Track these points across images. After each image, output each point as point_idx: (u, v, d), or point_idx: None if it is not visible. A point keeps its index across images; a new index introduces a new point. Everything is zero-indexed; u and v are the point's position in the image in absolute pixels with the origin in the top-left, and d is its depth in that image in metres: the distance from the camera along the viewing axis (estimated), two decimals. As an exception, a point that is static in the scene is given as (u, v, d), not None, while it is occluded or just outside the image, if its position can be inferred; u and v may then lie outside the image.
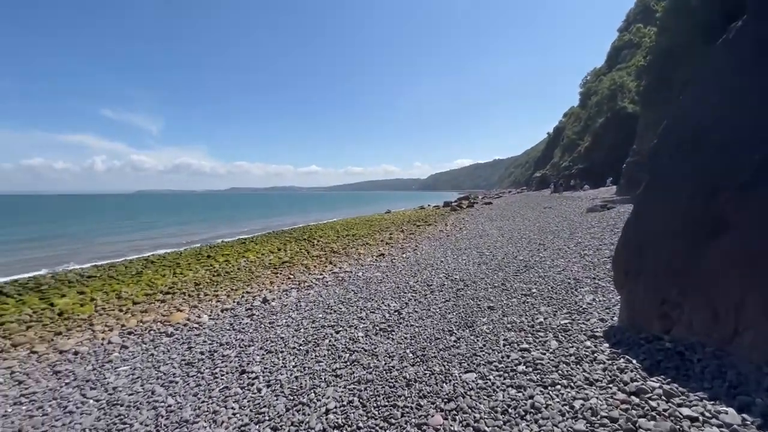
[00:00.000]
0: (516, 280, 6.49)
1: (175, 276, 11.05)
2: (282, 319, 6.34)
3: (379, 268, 9.98)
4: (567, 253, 8.06)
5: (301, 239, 18.20)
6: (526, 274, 6.88)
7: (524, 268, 7.40)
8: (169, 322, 6.81)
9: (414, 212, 32.44)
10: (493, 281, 6.72)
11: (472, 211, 26.06)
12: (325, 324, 5.61)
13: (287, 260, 12.89)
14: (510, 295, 5.61)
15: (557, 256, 7.90)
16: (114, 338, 6.07)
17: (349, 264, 11.32)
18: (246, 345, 5.19)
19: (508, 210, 23.47)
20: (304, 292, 8.26)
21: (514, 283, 6.30)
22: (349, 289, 8.01)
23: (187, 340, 5.82)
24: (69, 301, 8.38)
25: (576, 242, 9.11)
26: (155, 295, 9.00)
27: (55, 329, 6.69)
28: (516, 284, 6.23)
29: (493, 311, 4.97)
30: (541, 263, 7.55)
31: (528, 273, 6.91)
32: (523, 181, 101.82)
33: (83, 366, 5.09)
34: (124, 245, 18.16)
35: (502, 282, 6.55)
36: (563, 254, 8.02)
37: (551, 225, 13.42)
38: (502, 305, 5.16)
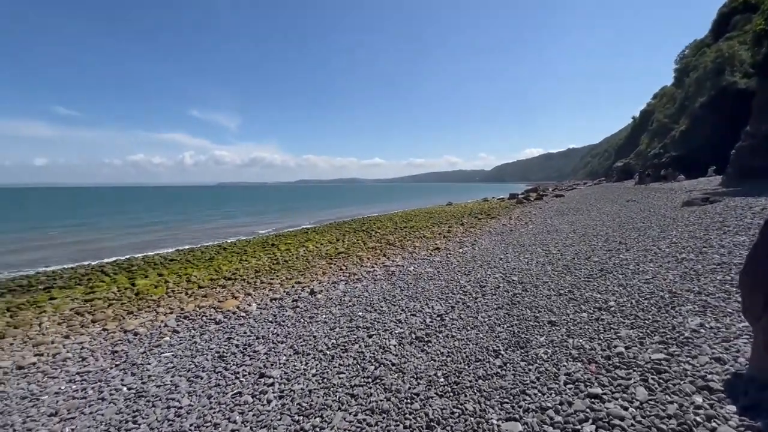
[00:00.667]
0: (588, 288, 5.24)
1: (240, 263, 11.44)
2: (322, 315, 5.95)
3: (432, 264, 9.21)
4: (658, 256, 6.44)
5: (359, 230, 18.04)
6: (601, 280, 5.56)
7: (599, 272, 6.04)
8: (221, 309, 6.84)
9: (476, 204, 30.63)
10: (559, 287, 5.54)
11: (540, 204, 23.66)
12: (361, 325, 5.05)
13: (343, 251, 12.69)
14: (579, 308, 4.46)
15: (644, 260, 6.34)
16: (170, 322, 6.21)
17: (402, 257, 10.71)
18: (279, 341, 4.85)
19: (582, 203, 20.80)
20: (352, 286, 7.84)
21: (586, 292, 5.08)
22: (397, 285, 7.39)
23: (230, 329, 5.71)
24: (147, 282, 9.03)
25: (670, 242, 7.33)
26: (219, 281, 9.31)
27: (129, 308, 7.13)
28: (587, 293, 5.01)
29: (555, 328, 3.91)
30: (621, 267, 6.11)
31: (604, 279, 5.58)
32: (601, 171, 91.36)
33: (137, 348, 5.19)
34: (204, 232, 19.72)
35: (570, 289, 5.35)
36: (652, 257, 6.42)
37: (635, 220, 11.30)
38: (567, 321, 4.07)
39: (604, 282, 5.42)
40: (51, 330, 6.07)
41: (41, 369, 4.66)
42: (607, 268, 6.24)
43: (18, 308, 7.31)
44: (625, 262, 6.43)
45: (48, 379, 4.37)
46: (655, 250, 6.90)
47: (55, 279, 9.65)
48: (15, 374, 4.55)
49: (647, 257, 6.49)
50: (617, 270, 5.98)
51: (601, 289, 5.06)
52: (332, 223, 22.70)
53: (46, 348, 5.32)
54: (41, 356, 5.07)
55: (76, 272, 10.49)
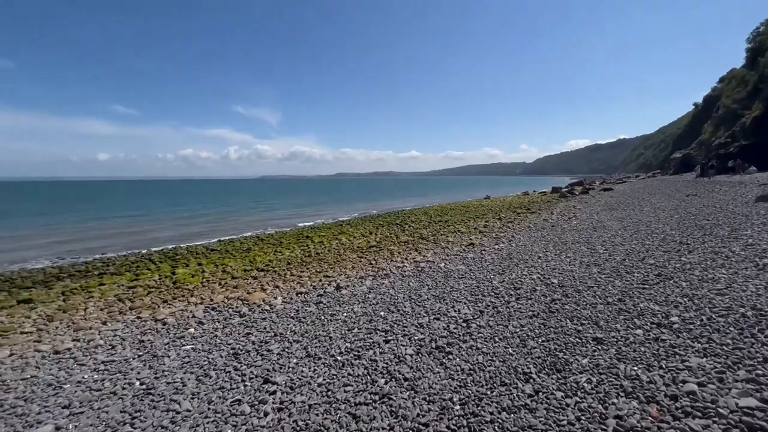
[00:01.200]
0: (642, 297, 4.40)
1: (274, 254, 11.46)
2: (343, 313, 5.61)
3: (465, 260, 8.58)
4: (731, 260, 5.35)
5: (393, 224, 17.60)
6: (659, 287, 4.67)
7: (656, 277, 5.12)
8: (248, 301, 6.73)
9: (516, 198, 28.98)
10: (606, 293, 4.74)
11: (586, 198, 21.78)
12: (380, 327, 4.62)
13: (374, 245, 12.33)
14: (631, 322, 3.68)
15: (713, 264, 5.30)
16: (198, 312, 6.18)
17: (434, 252, 10.15)
18: (294, 340, 4.56)
19: (633, 197, 18.81)
20: (379, 281, 7.44)
21: (640, 301, 4.25)
22: (425, 283, 6.89)
23: (251, 323, 5.53)
24: (186, 272, 9.24)
25: (745, 244, 6.13)
26: (252, 272, 9.32)
27: (165, 297, 7.24)
28: (642, 303, 4.18)
29: (602, 347, 3.20)
30: (685, 272, 5.14)
31: (663, 286, 4.68)
32: (655, 164, 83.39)
33: (163, 338, 5.15)
34: (246, 223, 20.27)
35: (620, 296, 4.53)
36: (724, 261, 5.35)
37: (699, 218, 9.83)
38: (616, 338, 3.34)
39: (663, 290, 4.53)
40: (93, 315, 6.27)
41: (74, 355, 4.72)
42: (666, 272, 5.28)
43: (71, 292, 7.72)
44: (688, 266, 5.42)
45: (77, 366, 4.40)
46: (727, 253, 5.77)
47: (109, 266, 10.22)
48: (51, 359, 4.65)
49: (717, 261, 5.43)
50: (679, 276, 5.02)
51: (659, 299, 4.21)
52: (367, 216, 22.49)
53: (83, 333, 5.45)
54: (78, 342, 5.19)
55: (128, 260, 11.06)
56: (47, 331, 5.67)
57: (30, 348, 4.99)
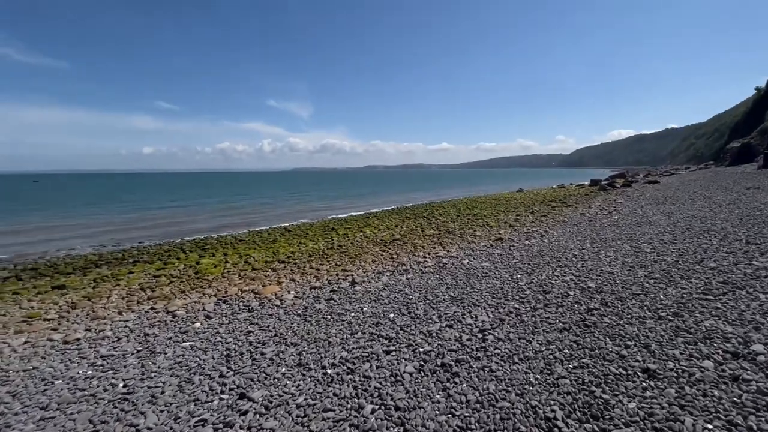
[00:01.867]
0: (707, 312, 3.44)
1: (298, 246, 11.19)
2: (352, 312, 5.07)
3: (491, 257, 7.76)
4: (824, 267, 4.17)
5: (420, 216, 16.85)
6: (729, 300, 3.66)
7: (723, 285, 4.08)
8: (260, 295, 6.39)
9: (551, 191, 27.01)
10: (657, 304, 3.80)
11: (628, 192, 19.69)
12: (384, 333, 4.02)
13: (398, 238, 11.71)
14: (696, 348, 2.79)
15: (800, 273, 4.14)
16: (208, 306, 5.91)
17: (458, 247, 9.37)
18: (292, 343, 4.09)
19: (683, 190, 16.68)
20: (396, 278, 6.83)
21: (704, 318, 3.31)
22: (444, 281, 6.21)
23: (257, 320, 5.15)
24: (210, 262, 9.15)
25: (839, 247, 4.83)
26: (272, 263, 9.05)
27: (183, 287, 7.10)
28: (708, 321, 3.24)
29: (656, 385, 2.37)
30: (760, 280, 4.05)
31: (734, 299, 3.66)
32: (708, 154, 75.27)
33: (167, 332, 4.90)
34: (276, 215, 20.33)
35: (677, 309, 3.59)
36: (814, 269, 4.18)
37: (765, 212, 8.27)
38: (676, 372, 2.48)
39: (734, 304, 3.53)
40: (113, 304, 6.20)
41: (80, 346, 4.56)
42: (735, 279, 4.21)
43: (102, 279, 7.82)
44: (764, 272, 4.30)
45: (78, 359, 4.21)
46: (817, 258, 4.55)
47: (143, 254, 10.42)
48: (59, 349, 4.51)
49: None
50: (754, 285, 3.95)
51: (731, 317, 3.24)
52: (394, 208, 21.85)
53: (97, 324, 5.34)
54: (89, 332, 5.06)
55: (161, 248, 11.26)
56: (67, 318, 5.63)
57: (44, 336, 4.91)
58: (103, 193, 45.55)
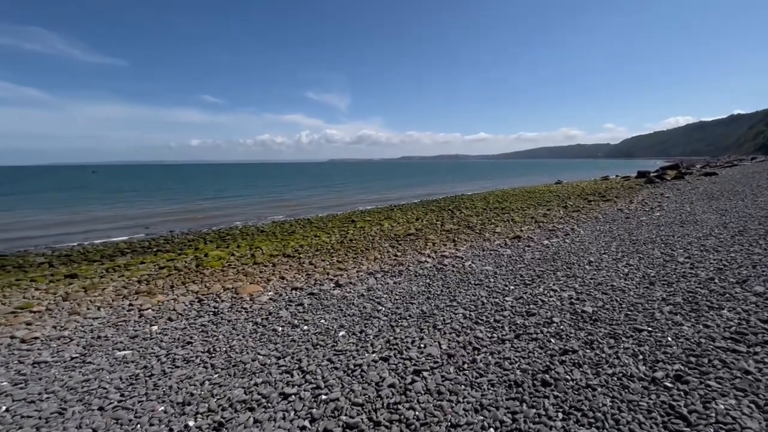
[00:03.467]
0: (732, 378, 1.85)
1: (314, 238, 10.43)
2: (306, 325, 4.10)
3: (499, 259, 6.38)
4: None
5: (445, 209, 15.37)
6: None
7: (767, 325, 2.36)
8: (237, 295, 5.62)
9: (592, 184, 23.63)
10: (658, 351, 2.29)
11: (679, 185, 16.30)
12: (304, 364, 2.94)
13: (413, 232, 10.49)
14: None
15: None
16: (179, 305, 5.24)
17: (470, 245, 8.03)
18: (211, 365, 3.18)
19: (745, 184, 13.34)
20: (384, 281, 5.74)
21: (722, 392, 1.74)
22: (430, 288, 5.07)
23: (211, 327, 4.37)
24: (217, 254, 8.66)
25: None
26: (277, 257, 8.34)
27: (175, 282, 6.59)
28: (727, 399, 1.67)
29: None
30: None
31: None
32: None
33: (120, 335, 4.27)
34: (304, 206, 19.88)
35: (683, 364, 2.04)
36: None
37: None
38: None
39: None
40: (99, 298, 5.81)
41: (30, 348, 4.07)
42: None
43: (114, 269, 7.63)
44: None
45: (13, 364, 3.69)
46: None
47: (168, 243, 10.31)
48: (10, 349, 4.06)
49: None
50: None
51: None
52: (422, 200, 20.37)
53: (67, 321, 4.88)
54: (55, 329, 4.61)
55: (186, 237, 11.14)
56: (52, 312, 5.29)
57: (9, 333, 4.52)
58: (153, 183, 45.52)
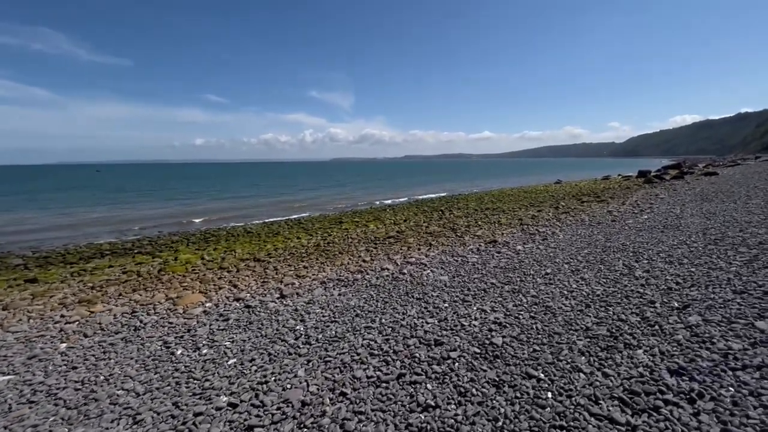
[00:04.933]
0: None
1: (293, 240, 9.79)
2: (213, 350, 3.40)
3: (463, 266, 5.72)
4: None
5: (436, 210, 14.54)
6: None
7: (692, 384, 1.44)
8: (173, 308, 4.98)
9: (590, 184, 22.15)
10: (547, 410, 1.48)
11: (677, 185, 14.85)
12: (194, 395, 2.23)
13: (393, 235, 9.72)
14: None
15: None
16: (107, 318, 4.63)
17: (443, 250, 7.33)
18: (74, 405, 2.49)
19: (743, 185, 11.98)
20: (329, 292, 5.06)
21: None
22: (371, 302, 4.40)
23: (124, 343, 3.74)
24: (187, 257, 8.10)
25: None
26: (246, 261, 7.71)
27: (126, 289, 6.01)
28: None
29: None
30: None
31: None
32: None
33: (23, 354, 3.68)
34: (300, 206, 19.19)
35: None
36: None
37: None
38: None
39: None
40: (38, 308, 5.26)
41: None
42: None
43: (79, 273, 7.14)
44: None
45: None
46: None
47: (150, 245, 9.82)
48: None
49: None
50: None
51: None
52: (418, 200, 19.42)
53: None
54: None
55: (170, 239, 10.66)
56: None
57: None
58: (154, 183, 42.98)
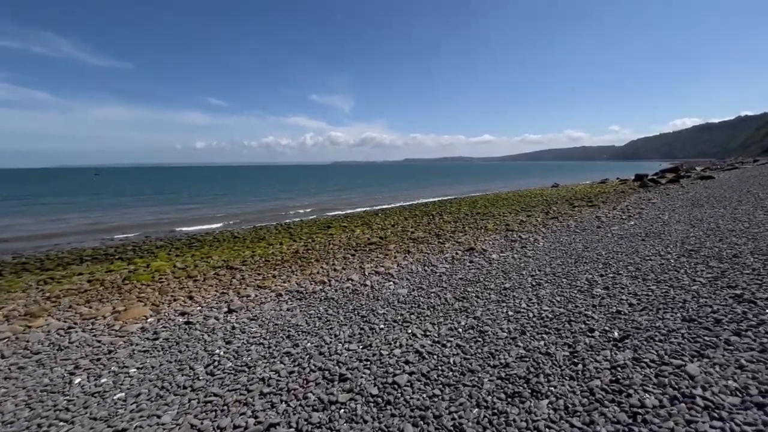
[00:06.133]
0: None
1: (276, 246, 9.29)
2: (111, 378, 2.83)
3: (428, 277, 5.40)
4: None
5: (427, 214, 13.96)
6: None
7: None
8: (114, 321, 4.48)
9: (586, 187, 21.24)
10: None
11: (671, 189, 13.97)
12: None
13: (375, 241, 9.17)
14: None
15: None
16: (38, 335, 4.13)
17: (418, 258, 6.78)
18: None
19: (737, 189, 11.17)
20: (278, 307, 4.48)
21: None
22: (311, 320, 3.80)
23: (36, 367, 3.22)
24: (158, 265, 7.62)
25: None
26: (217, 269, 7.22)
27: (79, 301, 5.53)
28: None
29: None
30: None
31: None
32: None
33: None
34: (291, 210, 18.64)
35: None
36: None
37: None
38: None
39: None
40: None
41: None
42: None
43: (45, 282, 6.70)
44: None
45: None
46: None
47: (132, 250, 9.36)
48: None
49: None
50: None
51: None
52: (412, 204, 18.71)
53: None
54: None
55: (155, 244, 10.21)
56: None
57: None
58: (152, 187, 40.73)
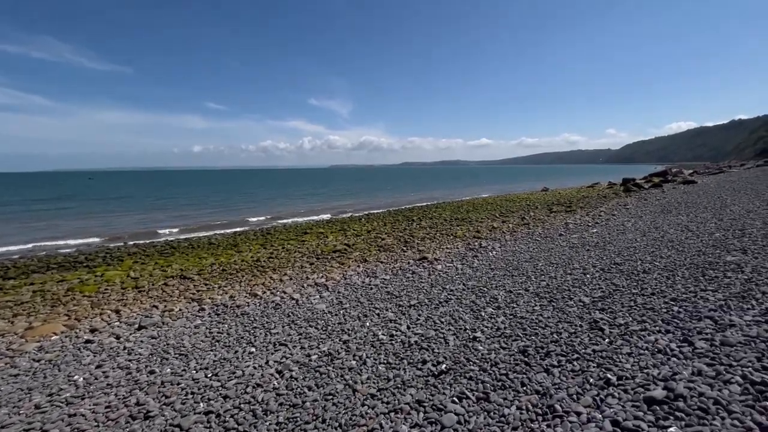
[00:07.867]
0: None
1: (245, 253, 8.95)
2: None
3: (357, 291, 5.00)
4: None
5: (407, 219, 13.67)
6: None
7: None
8: (20, 339, 4.12)
9: (574, 191, 20.67)
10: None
11: (651, 194, 13.40)
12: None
13: (340, 249, 8.81)
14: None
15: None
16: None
17: (366, 268, 6.48)
18: None
19: (712, 195, 10.72)
20: (180, 326, 4.13)
21: None
22: (199, 342, 3.41)
23: None
24: (112, 274, 7.29)
25: None
26: (170, 278, 6.90)
27: (19, 311, 5.23)
28: None
29: None
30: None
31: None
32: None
33: None
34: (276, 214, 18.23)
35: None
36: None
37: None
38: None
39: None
40: None
41: None
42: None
43: (4, 292, 6.39)
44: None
45: None
46: None
47: (100, 257, 9.03)
48: None
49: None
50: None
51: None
52: (390, 210, 18.09)
53: None
54: None
55: (127, 251, 9.85)
56: None
57: None
58: (145, 191, 39.33)
